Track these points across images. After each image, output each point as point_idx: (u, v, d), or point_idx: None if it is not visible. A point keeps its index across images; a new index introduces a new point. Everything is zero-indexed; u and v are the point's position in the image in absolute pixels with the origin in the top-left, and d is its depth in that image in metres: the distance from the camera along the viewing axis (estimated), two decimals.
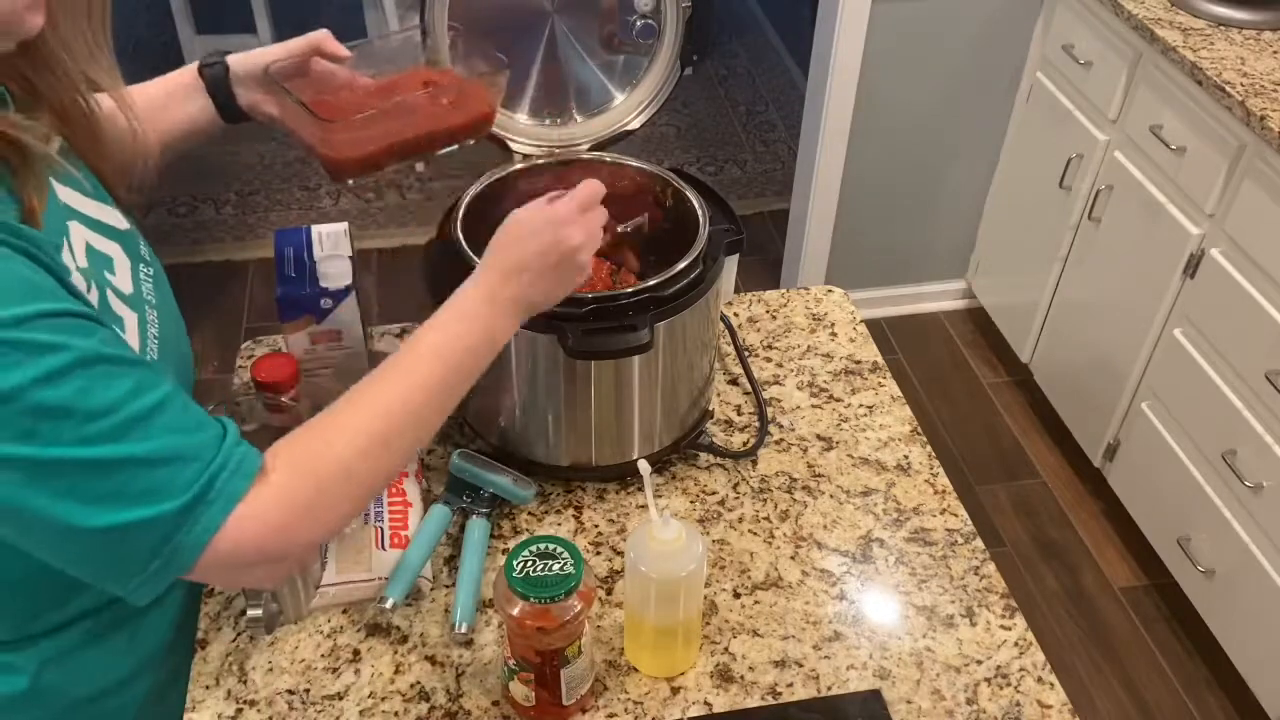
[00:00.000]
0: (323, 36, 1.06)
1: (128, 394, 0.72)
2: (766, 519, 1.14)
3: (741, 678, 1.00)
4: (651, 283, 1.04)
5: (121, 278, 0.87)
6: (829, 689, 0.99)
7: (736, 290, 1.43)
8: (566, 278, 0.94)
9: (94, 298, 0.81)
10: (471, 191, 1.13)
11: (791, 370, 1.32)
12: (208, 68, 1.07)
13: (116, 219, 0.91)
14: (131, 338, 0.85)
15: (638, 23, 1.18)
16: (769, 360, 1.34)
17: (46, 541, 0.73)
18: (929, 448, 1.23)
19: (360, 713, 0.96)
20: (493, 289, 0.90)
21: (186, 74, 1.07)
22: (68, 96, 0.85)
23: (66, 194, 0.85)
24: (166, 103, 1.07)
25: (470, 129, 1.07)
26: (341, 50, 1.06)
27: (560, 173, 1.20)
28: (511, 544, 1.09)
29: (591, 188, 0.96)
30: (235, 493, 0.74)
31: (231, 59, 1.07)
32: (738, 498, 1.16)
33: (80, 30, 0.82)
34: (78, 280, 0.78)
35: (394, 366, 0.85)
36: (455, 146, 1.07)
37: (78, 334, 0.71)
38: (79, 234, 0.83)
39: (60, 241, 0.79)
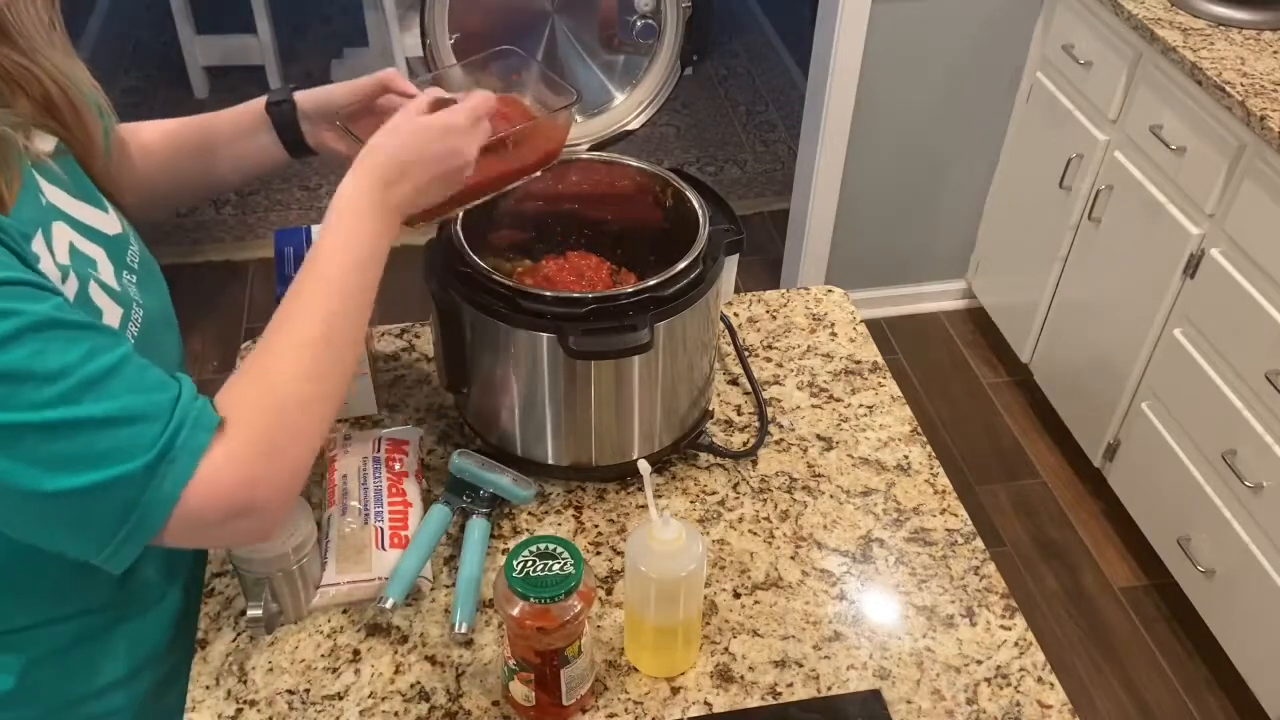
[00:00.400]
0: (391, 76, 1.06)
1: (83, 357, 0.72)
2: (766, 519, 1.14)
3: (741, 678, 1.00)
4: (651, 283, 1.04)
5: (106, 278, 0.88)
6: (829, 689, 0.99)
7: (736, 290, 1.43)
8: (449, 186, 0.95)
9: (72, 286, 0.81)
10: None
11: (791, 370, 1.32)
12: (275, 105, 1.07)
13: (106, 223, 0.91)
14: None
15: (638, 23, 1.18)
16: (769, 360, 1.34)
17: (14, 510, 0.73)
18: (929, 448, 1.23)
19: (360, 713, 0.96)
20: (382, 191, 0.89)
21: (254, 109, 1.08)
22: (36, 83, 0.85)
23: (54, 193, 0.85)
24: (234, 136, 1.09)
25: (537, 166, 1.06)
26: (410, 88, 1.05)
27: (560, 172, 1.21)
28: (511, 544, 1.09)
29: (485, 99, 0.96)
30: (198, 448, 0.75)
31: (299, 96, 1.08)
32: (738, 498, 1.16)
33: (31, 7, 0.83)
34: (47, 269, 0.78)
35: (303, 291, 0.85)
36: (522, 182, 1.06)
37: (29, 300, 0.71)
38: (62, 234, 0.84)
39: (32, 233, 0.79)
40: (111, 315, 0.86)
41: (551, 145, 1.07)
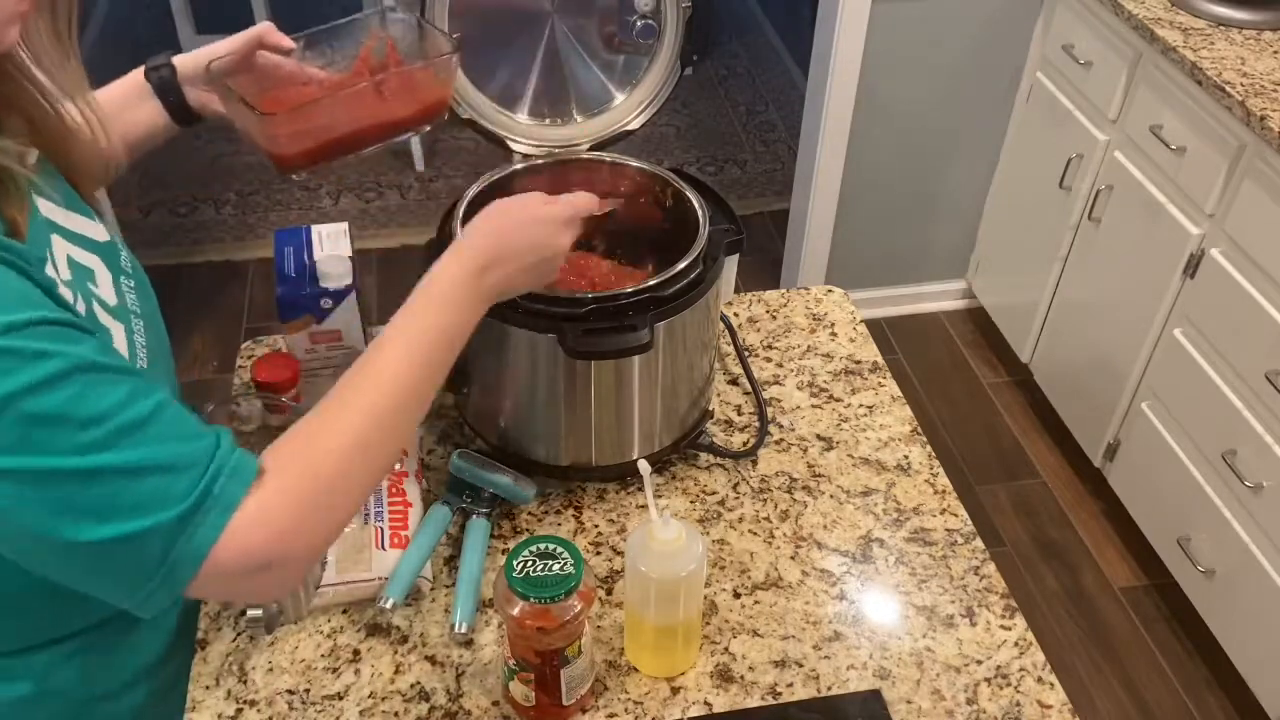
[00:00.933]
0: (265, 29, 1.04)
1: (121, 401, 0.71)
2: (766, 519, 1.14)
3: (741, 678, 1.00)
4: (651, 283, 1.04)
5: (105, 290, 0.87)
6: (829, 689, 0.99)
7: (736, 290, 1.43)
8: (544, 276, 0.96)
9: (81, 309, 0.81)
10: (471, 191, 1.13)
11: (791, 370, 1.32)
12: (154, 71, 1.06)
13: (95, 231, 0.91)
14: (120, 348, 0.85)
15: (638, 23, 1.18)
16: (769, 360, 1.34)
17: (46, 558, 0.72)
18: (929, 448, 1.23)
19: (360, 713, 0.96)
20: (478, 275, 0.89)
21: (134, 78, 1.06)
22: (37, 107, 0.84)
23: (46, 207, 0.85)
24: (117, 110, 1.05)
25: (420, 119, 1.05)
26: (285, 41, 1.04)
27: (560, 172, 1.20)
28: (511, 544, 1.09)
29: (590, 200, 0.98)
30: (233, 499, 0.73)
31: (178, 59, 1.06)
32: (738, 498, 1.16)
33: (47, 39, 0.81)
34: (65, 292, 0.78)
35: (378, 358, 0.84)
36: (409, 134, 1.05)
37: (69, 341, 0.70)
38: (60, 247, 0.83)
39: (44, 255, 0.78)
40: (118, 334, 0.85)
41: (433, 97, 1.05)
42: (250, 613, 0.98)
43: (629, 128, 1.24)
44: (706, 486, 1.18)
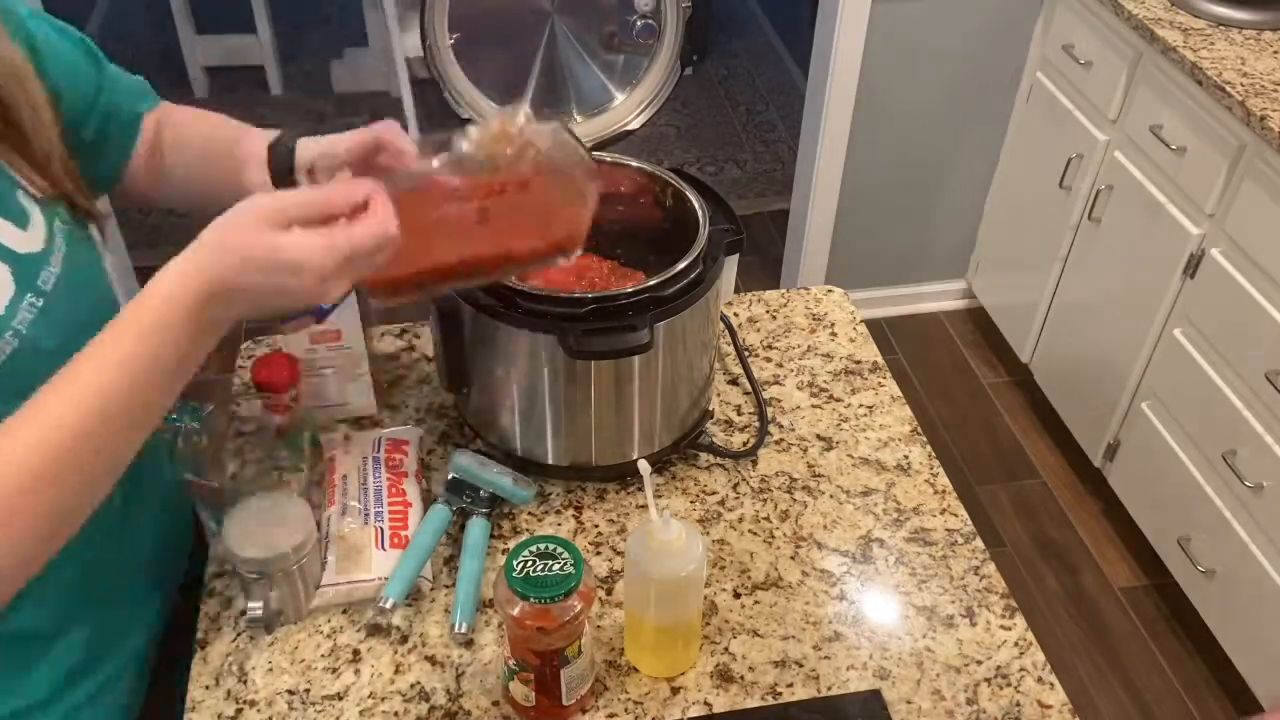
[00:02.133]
0: (386, 130, 0.92)
1: None
2: (766, 519, 1.14)
3: (741, 678, 1.00)
4: (651, 283, 1.04)
5: None
6: (829, 689, 0.99)
7: (736, 290, 1.43)
8: (282, 310, 0.80)
9: None
10: None
11: (791, 370, 1.32)
12: (275, 148, 0.97)
13: (21, 240, 0.83)
14: None
15: (638, 23, 1.18)
16: (769, 360, 1.34)
17: None
18: (929, 448, 1.23)
19: (360, 713, 0.96)
20: (199, 306, 0.74)
21: (257, 145, 0.99)
22: None
23: None
24: (232, 166, 1.00)
25: (545, 254, 0.91)
26: (407, 146, 0.90)
27: None
28: (511, 544, 1.09)
29: (373, 234, 0.76)
30: None
31: (301, 145, 0.96)
32: (738, 498, 1.16)
33: None
34: None
35: (70, 379, 0.73)
36: (532, 268, 0.95)
37: None
38: None
39: None
40: None
41: (566, 231, 0.89)
42: (250, 613, 0.98)
43: (629, 128, 1.24)
44: (706, 486, 1.18)
